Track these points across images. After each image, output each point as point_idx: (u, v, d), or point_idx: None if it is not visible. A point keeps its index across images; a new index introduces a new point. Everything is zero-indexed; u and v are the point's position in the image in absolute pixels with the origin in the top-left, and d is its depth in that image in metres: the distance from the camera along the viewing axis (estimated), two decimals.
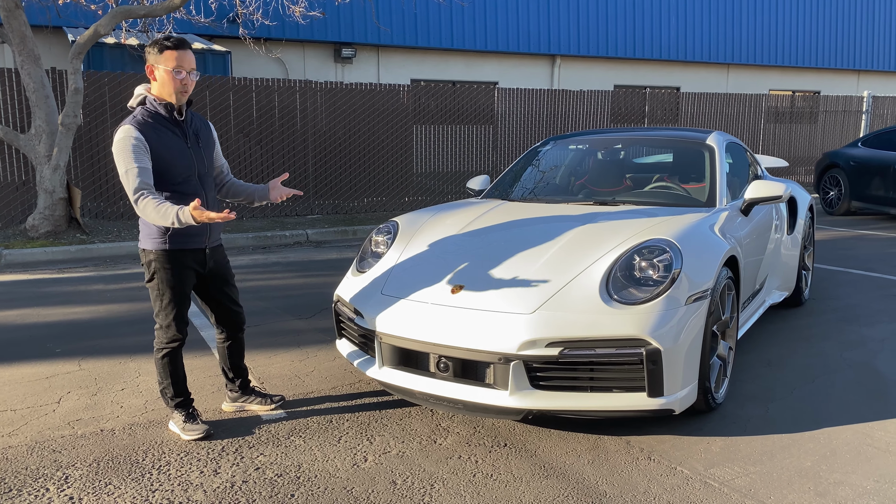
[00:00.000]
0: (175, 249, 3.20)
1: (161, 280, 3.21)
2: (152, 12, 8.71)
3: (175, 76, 3.09)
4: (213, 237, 3.35)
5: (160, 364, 3.32)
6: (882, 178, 10.65)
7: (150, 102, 3.16)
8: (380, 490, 2.85)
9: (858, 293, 6.10)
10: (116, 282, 6.75)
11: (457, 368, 3.22)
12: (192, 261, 3.27)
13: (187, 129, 3.24)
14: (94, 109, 9.56)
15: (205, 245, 3.31)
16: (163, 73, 3.09)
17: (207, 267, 3.35)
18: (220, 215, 2.82)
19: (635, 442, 3.26)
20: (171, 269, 3.20)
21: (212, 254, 3.36)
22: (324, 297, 6.05)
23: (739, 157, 5.20)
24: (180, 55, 3.09)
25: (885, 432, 3.36)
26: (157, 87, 3.14)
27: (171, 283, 3.21)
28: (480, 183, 5.22)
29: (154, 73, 3.12)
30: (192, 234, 3.22)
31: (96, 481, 2.92)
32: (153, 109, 3.15)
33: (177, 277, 3.22)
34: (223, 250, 3.49)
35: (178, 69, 3.08)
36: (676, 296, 3.19)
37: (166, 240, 3.17)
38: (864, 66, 20.64)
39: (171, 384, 3.34)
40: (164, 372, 3.32)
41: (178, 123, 3.20)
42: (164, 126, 3.14)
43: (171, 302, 3.23)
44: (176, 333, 3.27)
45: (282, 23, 12.81)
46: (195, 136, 3.27)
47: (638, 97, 14.23)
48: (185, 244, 3.21)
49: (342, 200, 11.34)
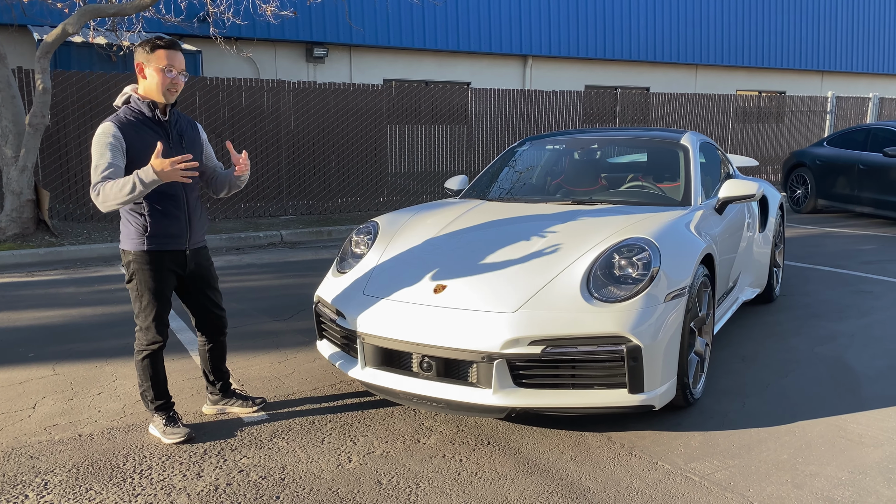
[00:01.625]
0: (154, 250, 3.17)
1: (139, 281, 3.18)
2: (122, 11, 8.59)
3: (165, 75, 3.07)
4: (194, 239, 3.31)
5: (140, 366, 3.28)
6: (847, 176, 10.89)
7: (134, 101, 3.14)
8: (365, 490, 2.86)
9: (827, 289, 6.24)
10: (88, 284, 6.64)
11: (440, 368, 3.23)
12: (171, 262, 3.23)
13: (171, 129, 3.21)
14: (61, 110, 9.40)
15: (185, 247, 3.27)
16: (153, 72, 3.08)
17: (188, 269, 3.32)
18: (178, 159, 2.87)
19: (616, 438, 3.30)
20: (150, 270, 3.17)
21: (193, 256, 3.32)
22: (301, 298, 6.02)
23: (712, 157, 5.29)
24: (171, 55, 3.09)
25: (857, 424, 3.45)
26: (145, 85, 3.12)
27: (150, 285, 3.18)
28: (458, 183, 5.24)
29: (143, 72, 3.10)
30: (172, 236, 3.19)
31: (77, 487, 2.88)
32: (137, 108, 3.14)
33: (155, 279, 3.18)
34: (207, 252, 3.45)
35: (168, 68, 3.07)
36: (655, 293, 3.24)
37: (145, 241, 3.14)
38: (828, 67, 21.08)
39: (151, 387, 3.30)
40: (145, 374, 3.28)
41: (160, 123, 3.17)
42: (146, 125, 3.13)
43: (149, 304, 3.20)
44: (156, 335, 3.24)
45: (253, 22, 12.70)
46: (179, 137, 3.24)
47: (609, 97, 14.37)
48: (164, 245, 3.18)
49: (316, 201, 11.29)
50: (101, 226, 9.41)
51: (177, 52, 3.11)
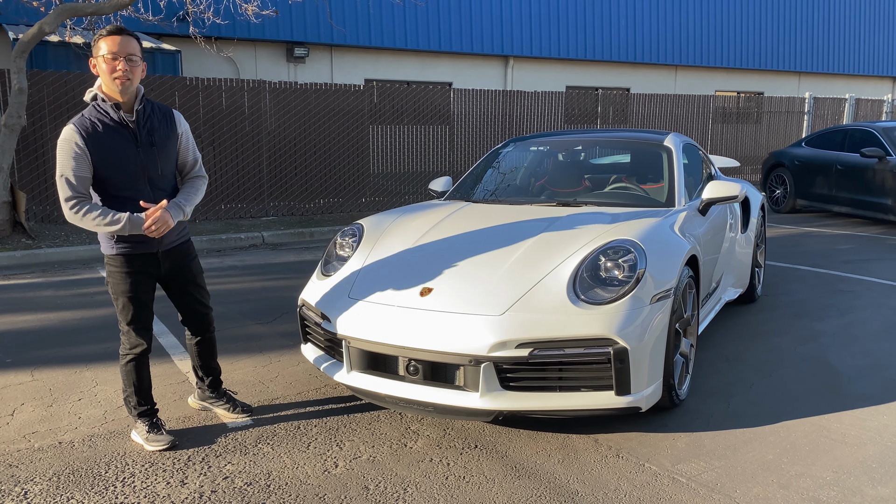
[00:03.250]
0: (123, 254, 3.12)
1: (112, 284, 3.17)
2: (99, 10, 8.47)
3: (108, 62, 2.94)
4: (166, 240, 3.20)
5: (124, 371, 3.24)
6: (825, 176, 11.02)
7: (100, 100, 3.04)
8: (352, 496, 2.83)
9: (808, 289, 6.30)
10: (66, 288, 6.54)
11: (426, 371, 3.22)
12: (143, 265, 3.17)
13: (140, 130, 3.08)
14: (38, 110, 9.25)
15: (156, 249, 3.19)
16: (100, 62, 2.97)
17: (163, 269, 3.25)
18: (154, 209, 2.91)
19: (603, 440, 3.31)
20: (121, 273, 3.13)
21: (166, 256, 3.24)
22: (284, 300, 5.97)
23: (694, 158, 5.32)
24: (114, 40, 2.94)
25: (840, 424, 3.48)
26: (101, 80, 3.03)
27: (122, 288, 3.14)
28: (443, 184, 5.22)
29: (95, 66, 3.01)
30: (140, 241, 3.12)
31: (57, 496, 2.83)
32: (103, 109, 3.04)
33: (127, 282, 3.13)
34: (186, 249, 3.35)
35: (110, 55, 2.93)
36: (641, 295, 3.24)
37: (113, 245, 3.11)
38: (805, 68, 21.34)
39: (134, 392, 3.25)
40: (128, 379, 3.24)
41: (126, 126, 3.05)
42: (111, 128, 3.02)
43: (125, 306, 3.16)
44: (136, 339, 3.20)
45: (233, 21, 12.59)
46: (149, 136, 3.10)
47: (590, 98, 14.42)
48: (133, 249, 3.12)
49: (298, 202, 11.21)
50: (79, 228, 9.26)
51: (122, 37, 2.95)
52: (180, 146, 3.26)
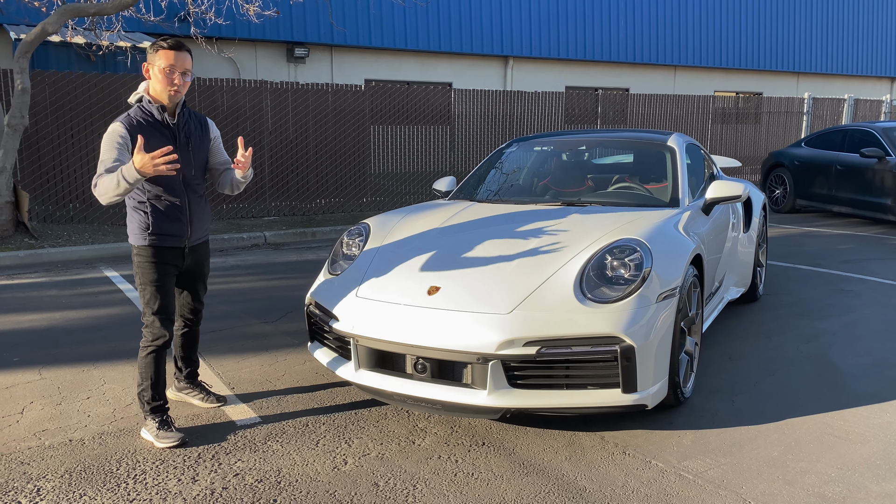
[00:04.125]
0: (153, 245, 3.28)
1: (141, 274, 3.32)
2: (102, 10, 8.49)
3: (166, 75, 3.17)
4: (194, 237, 3.42)
5: (143, 363, 3.33)
6: (825, 177, 11.06)
7: (145, 102, 3.25)
8: (363, 492, 2.86)
9: (809, 288, 6.34)
10: (70, 287, 6.56)
11: (434, 369, 3.25)
12: (170, 257, 3.35)
13: (178, 132, 3.31)
14: (40, 110, 9.26)
15: (184, 245, 3.38)
16: (156, 72, 3.19)
17: (185, 264, 3.44)
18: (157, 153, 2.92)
19: (609, 437, 3.34)
20: (149, 263, 3.29)
21: (191, 252, 3.45)
22: (288, 299, 6.00)
23: (697, 158, 5.35)
24: (172, 55, 3.17)
25: (844, 421, 3.51)
26: (152, 85, 3.24)
27: (151, 277, 3.30)
28: (447, 184, 5.25)
29: (149, 72, 3.23)
30: (172, 234, 3.31)
31: (70, 493, 2.85)
32: (148, 110, 3.25)
33: (155, 272, 3.31)
34: (206, 247, 3.58)
35: (170, 68, 3.16)
36: (647, 294, 3.27)
37: (146, 236, 3.26)
38: (803, 69, 21.38)
39: (150, 386, 3.33)
40: (146, 372, 3.33)
41: (168, 126, 3.27)
42: (154, 128, 3.23)
43: (152, 296, 3.31)
44: (160, 329, 3.32)
45: (234, 22, 12.61)
46: (186, 139, 3.34)
47: (590, 98, 14.45)
48: (164, 242, 3.31)
49: (299, 202, 11.23)
50: (81, 228, 9.30)
51: (180, 53, 3.19)
52: (213, 150, 3.54)
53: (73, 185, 9.58)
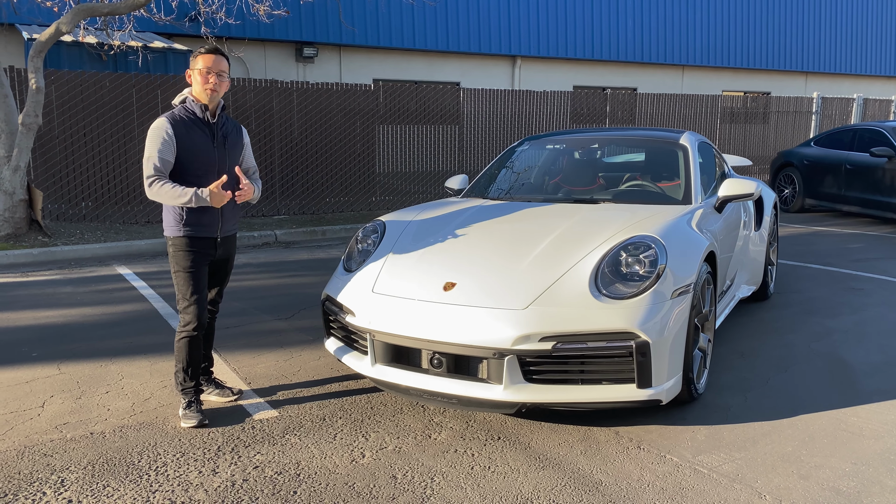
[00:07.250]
0: (188, 236, 3.47)
1: (175, 262, 3.50)
2: (115, 10, 8.55)
3: (203, 75, 3.44)
4: (225, 228, 3.60)
5: (176, 347, 3.54)
6: (834, 176, 11.06)
7: (189, 102, 3.52)
8: (381, 485, 2.89)
9: (819, 287, 6.35)
10: (85, 284, 6.62)
11: (450, 364, 3.28)
12: (203, 247, 3.52)
13: (217, 130, 3.55)
14: (53, 109, 9.34)
15: (216, 235, 3.56)
16: (195, 74, 3.46)
17: (217, 254, 3.60)
18: (219, 182, 3.34)
19: (624, 432, 3.37)
20: (184, 252, 3.47)
21: (223, 242, 3.62)
22: (300, 297, 6.04)
23: (709, 157, 5.37)
24: (209, 58, 3.45)
25: (857, 417, 3.53)
26: (193, 87, 3.51)
27: (185, 264, 3.47)
28: (459, 182, 5.28)
29: (190, 76, 3.49)
30: (204, 225, 3.48)
31: (94, 484, 2.90)
32: (190, 108, 3.51)
33: (189, 259, 3.47)
34: (234, 242, 3.75)
35: (206, 69, 3.43)
36: (662, 290, 3.30)
37: (181, 227, 3.45)
38: (812, 68, 21.34)
39: (181, 370, 3.53)
40: (180, 355, 3.53)
41: (209, 124, 3.52)
42: (196, 125, 3.48)
43: (185, 282, 3.48)
44: (193, 318, 3.48)
45: (243, 21, 12.67)
46: (223, 138, 3.57)
47: (598, 98, 14.47)
48: (197, 232, 3.48)
49: (308, 201, 11.29)
50: (94, 226, 9.37)
51: (216, 56, 3.47)
52: (244, 155, 3.76)
53: (85, 183, 9.66)
